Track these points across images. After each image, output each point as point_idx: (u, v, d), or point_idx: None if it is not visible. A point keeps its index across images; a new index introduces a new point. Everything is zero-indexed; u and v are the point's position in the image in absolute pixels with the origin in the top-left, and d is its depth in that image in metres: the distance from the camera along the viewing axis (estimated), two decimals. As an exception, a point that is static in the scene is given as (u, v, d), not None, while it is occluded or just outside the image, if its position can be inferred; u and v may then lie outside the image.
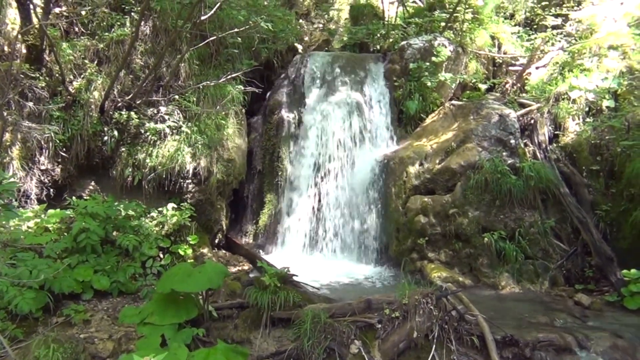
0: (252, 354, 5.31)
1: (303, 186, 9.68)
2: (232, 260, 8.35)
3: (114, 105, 7.92)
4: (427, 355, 5.05)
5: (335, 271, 8.24)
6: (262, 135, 10.18)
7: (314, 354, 4.98)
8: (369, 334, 5.18)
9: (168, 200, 7.88)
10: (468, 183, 8.03)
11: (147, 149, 7.88)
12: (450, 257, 8.05)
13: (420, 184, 8.56)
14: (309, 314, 5.21)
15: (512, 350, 5.17)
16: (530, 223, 7.73)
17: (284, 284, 5.83)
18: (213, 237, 8.54)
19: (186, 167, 7.85)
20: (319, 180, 9.62)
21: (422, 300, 5.22)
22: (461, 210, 7.98)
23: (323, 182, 9.60)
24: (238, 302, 5.95)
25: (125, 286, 6.59)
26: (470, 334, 5.25)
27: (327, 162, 9.65)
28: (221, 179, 8.24)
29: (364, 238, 9.04)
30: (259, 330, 5.50)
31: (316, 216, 9.51)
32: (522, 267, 7.48)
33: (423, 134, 9.50)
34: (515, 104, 9.24)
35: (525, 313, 6.27)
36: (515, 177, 7.85)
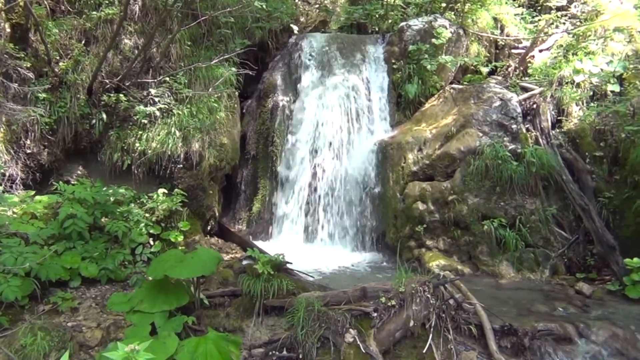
0: (245, 343, 5.34)
1: (298, 172, 9.66)
2: (225, 248, 8.36)
3: (102, 87, 7.87)
4: (424, 344, 5.07)
5: (330, 259, 8.26)
6: (256, 119, 10.14)
7: (308, 343, 5.00)
8: (365, 322, 5.19)
9: (158, 186, 7.86)
10: (468, 169, 8.03)
11: (136, 132, 7.84)
12: (449, 245, 8.07)
13: (419, 170, 8.56)
14: (302, 302, 5.22)
15: (511, 340, 5.20)
16: (531, 210, 7.75)
17: (278, 271, 5.83)
18: (205, 223, 8.53)
19: (177, 152, 7.81)
20: (315, 166, 9.60)
21: (419, 289, 5.24)
22: (460, 197, 7.99)
23: (319, 168, 9.57)
24: (230, 290, 5.96)
25: (114, 273, 6.59)
26: (468, 323, 5.28)
27: (323, 148, 9.62)
28: (213, 163, 8.22)
29: (361, 225, 9.06)
30: (252, 318, 5.52)
31: (312, 203, 9.50)
32: (523, 256, 7.50)
33: (422, 118, 9.48)
34: (518, 88, 9.21)
35: (525, 302, 6.30)
36: (517, 163, 7.85)
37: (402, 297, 5.24)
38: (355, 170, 9.32)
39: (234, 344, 5.07)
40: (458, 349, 5.09)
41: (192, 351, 4.68)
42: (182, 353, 4.64)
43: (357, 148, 9.56)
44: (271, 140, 9.89)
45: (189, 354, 4.62)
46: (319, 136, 9.67)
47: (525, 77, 9.77)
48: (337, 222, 9.28)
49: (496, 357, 4.93)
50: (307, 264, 7.39)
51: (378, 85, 10.23)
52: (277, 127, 9.90)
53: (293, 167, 9.72)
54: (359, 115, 9.80)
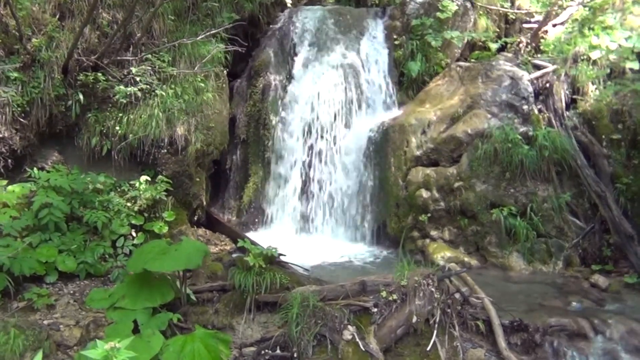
0: (235, 341, 5.36)
1: (292, 157, 9.63)
2: (213, 239, 8.36)
3: (79, 66, 7.79)
4: (428, 341, 5.10)
5: (327, 251, 8.27)
6: (246, 100, 10.08)
7: (303, 340, 5.02)
8: (364, 318, 5.22)
9: (141, 173, 7.82)
10: (475, 153, 8.02)
11: (116, 114, 7.79)
12: (455, 235, 8.09)
13: (423, 154, 8.55)
14: (297, 297, 5.23)
15: (521, 336, 5.23)
16: (544, 198, 7.75)
17: (270, 264, 5.85)
18: (192, 213, 8.51)
19: (161, 135, 7.76)
20: (310, 150, 9.58)
21: (423, 282, 5.25)
22: (467, 184, 7.98)
23: (314, 152, 9.55)
24: (219, 284, 5.98)
25: (94, 267, 6.59)
26: (475, 319, 5.30)
27: (318, 131, 9.58)
28: (200, 148, 8.18)
29: (360, 214, 9.06)
30: (243, 315, 5.54)
31: (307, 190, 9.49)
32: (534, 246, 7.51)
33: (426, 99, 9.44)
34: (529, 66, 9.17)
35: (536, 296, 6.32)
36: (528, 147, 7.84)
37: (404, 291, 5.25)
38: (354, 155, 9.30)
39: (223, 343, 5.08)
40: (464, 346, 5.12)
41: (179, 350, 4.69)
42: (168, 353, 4.65)
43: (355, 131, 9.53)
44: (263, 123, 9.83)
45: (175, 354, 4.63)
46: (314, 118, 9.61)
47: (538, 54, 9.72)
48: (334, 211, 9.28)
49: (505, 354, 4.95)
50: (302, 257, 7.38)
51: (378, 63, 10.16)
52: (269, 108, 9.84)
53: (287, 152, 9.68)
54: (358, 96, 9.75)
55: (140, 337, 4.72)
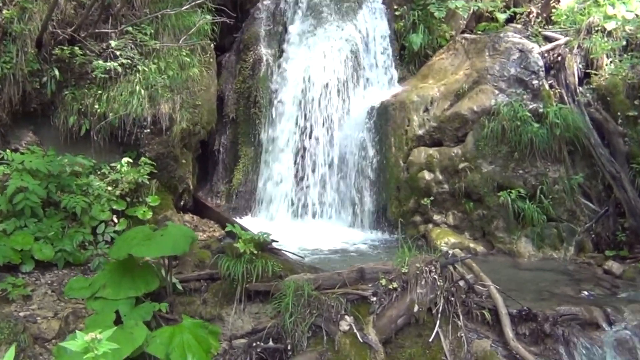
0: (224, 333, 5.35)
1: (285, 137, 9.63)
2: (201, 225, 8.36)
3: (54, 39, 7.72)
4: (430, 332, 5.09)
5: (323, 237, 8.29)
6: (236, 75, 10.05)
7: (297, 332, 5.01)
8: (362, 308, 5.20)
9: (122, 154, 7.79)
10: (481, 132, 8.03)
11: (95, 92, 7.73)
12: (460, 219, 8.11)
13: (425, 133, 8.56)
14: (291, 286, 5.21)
15: (530, 326, 5.24)
16: (555, 179, 7.77)
17: (262, 251, 5.82)
18: (178, 198, 8.51)
19: (143, 114, 7.72)
20: (305, 130, 9.58)
21: (425, 269, 5.25)
22: (473, 165, 8.00)
23: (309, 132, 9.55)
24: (207, 272, 5.96)
25: (73, 256, 6.57)
26: (480, 308, 5.30)
27: (314, 109, 9.57)
28: (186, 128, 8.15)
29: (358, 198, 9.07)
30: (232, 305, 5.52)
31: (301, 173, 9.51)
32: (544, 231, 7.55)
33: (429, 74, 9.43)
34: (540, 38, 9.14)
35: (546, 283, 6.35)
36: (538, 125, 7.84)
37: (405, 279, 5.24)
38: (352, 135, 9.30)
39: (212, 335, 5.09)
40: (469, 337, 5.13)
41: (167, 342, 4.69)
42: (155, 345, 4.65)
43: (353, 109, 9.53)
44: (253, 101, 9.81)
45: (163, 346, 4.64)
46: (309, 95, 9.59)
47: (549, 25, 9.68)
48: (331, 194, 9.31)
49: (512, 345, 4.97)
50: (297, 243, 7.40)
51: (378, 35, 10.13)
52: (260, 85, 9.80)
53: (279, 131, 9.67)
54: (356, 71, 9.74)
55: (123, 329, 4.70)
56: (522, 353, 4.91)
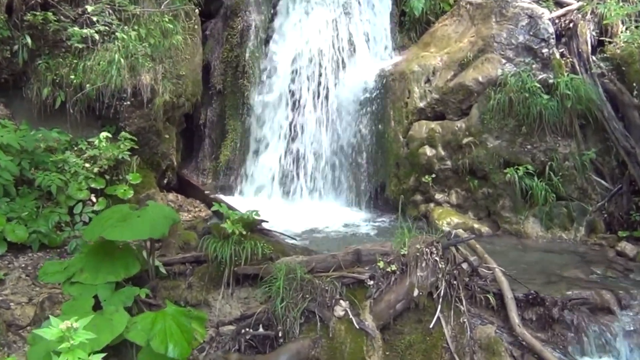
0: (211, 319, 5.38)
1: (276, 110, 9.61)
2: (186, 205, 8.36)
3: (25, 4, 7.63)
4: (431, 317, 5.13)
5: (316, 217, 8.32)
6: (222, 44, 9.97)
7: (289, 317, 5.03)
8: (359, 292, 5.23)
9: (101, 129, 7.76)
10: (487, 104, 8.01)
11: (70, 61, 7.67)
12: (464, 198, 8.13)
13: (427, 106, 8.54)
14: (282, 269, 5.23)
15: (537, 311, 5.27)
16: (565, 155, 7.77)
17: (251, 232, 5.84)
18: (161, 175, 8.49)
19: (123, 85, 7.65)
20: (297, 102, 9.55)
21: (425, 250, 5.26)
22: (478, 139, 8.00)
23: (302, 105, 9.52)
24: (192, 255, 5.98)
25: (48, 238, 6.56)
26: (484, 292, 5.33)
27: (307, 79, 9.54)
28: (169, 100, 8.12)
29: (355, 176, 9.09)
30: (220, 290, 5.55)
31: (293, 149, 9.50)
32: (553, 210, 7.58)
33: (431, 41, 9.38)
34: (551, 2, 9.09)
35: (555, 266, 6.39)
36: (548, 97, 7.82)
37: (405, 261, 5.27)
38: (348, 108, 9.28)
39: (197, 321, 5.10)
40: (472, 323, 5.16)
41: (148, 329, 4.68)
42: (135, 331, 4.65)
43: (349, 79, 9.49)
44: (242, 71, 9.75)
45: (144, 332, 4.63)
46: (302, 65, 9.55)
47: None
48: (325, 172, 9.31)
49: (518, 331, 5.00)
50: (288, 224, 7.40)
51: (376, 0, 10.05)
52: (248, 54, 9.74)
53: (269, 104, 9.64)
54: (352, 38, 9.67)
55: (102, 315, 4.71)
56: (529, 339, 4.94)
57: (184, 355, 4.56)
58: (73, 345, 3.38)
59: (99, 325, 4.40)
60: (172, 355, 4.50)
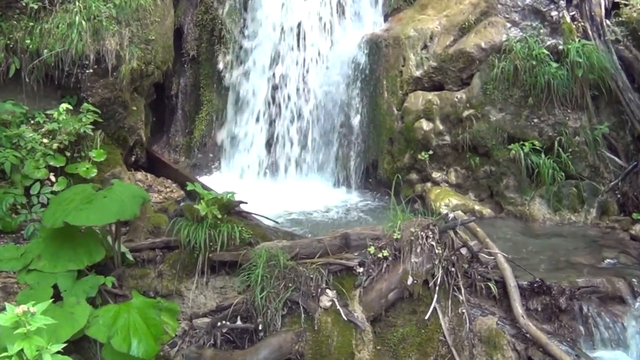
0: (184, 311, 5.39)
1: (257, 80, 9.57)
2: (156, 185, 8.33)
3: (-27, -41, 7.57)
4: (427, 308, 5.15)
5: (301, 198, 8.33)
6: (196, 5, 9.89)
7: (270, 309, 5.04)
8: (347, 280, 5.25)
9: (60, 99, 7.71)
10: (490, 73, 8.00)
11: (26, 23, 7.61)
12: (464, 177, 8.14)
13: (424, 75, 8.53)
14: (262, 255, 5.23)
15: (543, 300, 5.31)
16: (575, 129, 7.78)
17: (228, 214, 5.84)
18: (128, 152, 8.46)
19: (85, 51, 7.59)
20: (280, 71, 9.50)
21: (421, 234, 5.28)
22: (480, 112, 8.00)
23: (285, 74, 9.49)
24: (163, 240, 5.95)
25: (2, 221, 6.52)
26: (485, 280, 5.35)
27: (291, 45, 9.50)
28: (137, 67, 8.05)
29: (344, 153, 9.08)
30: (193, 278, 5.54)
31: (276, 123, 9.49)
32: (562, 190, 7.61)
33: (428, 3, 9.31)
34: (561, -40, 9.07)
35: (563, 251, 6.42)
36: (557, 65, 7.81)
37: (398, 246, 5.28)
38: (336, 77, 9.25)
39: (168, 313, 5.10)
40: (472, 314, 5.18)
41: (110, 323, 4.66)
42: (96, 326, 4.64)
43: (338, 46, 9.47)
44: (218, 36, 9.69)
45: (105, 327, 4.62)
46: (285, 29, 9.50)
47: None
48: (311, 149, 9.30)
49: (522, 322, 5.02)
50: (270, 205, 7.41)
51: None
52: (226, 16, 9.69)
53: (249, 73, 9.60)
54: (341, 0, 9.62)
55: (62, 307, 4.68)
56: (533, 331, 4.97)
57: (149, 354, 4.56)
58: (30, 331, 3.35)
59: (59, 319, 4.35)
60: (135, 353, 4.49)
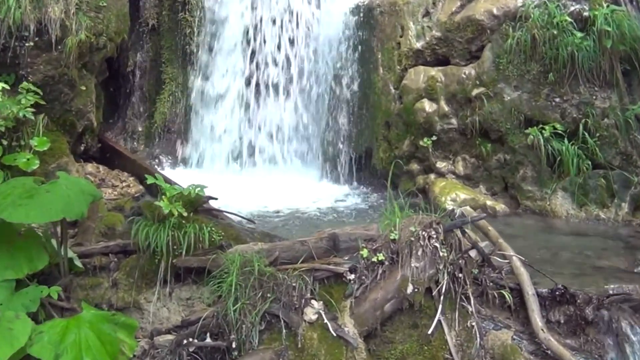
0: (144, 327, 5.38)
1: (230, 55, 9.61)
2: (110, 179, 8.30)
3: None
4: (430, 321, 5.14)
5: (282, 193, 8.35)
6: (157, -35, 9.90)
7: (246, 323, 5.03)
8: (335, 289, 5.25)
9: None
10: (504, 45, 8.02)
11: (-49, -12, 7.59)
12: (473, 167, 8.17)
13: (426, 47, 8.55)
14: (236, 261, 5.22)
15: (566, 310, 5.29)
16: (604, 110, 7.79)
17: (195, 213, 5.84)
18: (77, 140, 8.43)
19: (24, 21, 7.59)
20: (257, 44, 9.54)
21: (422, 235, 5.27)
22: (492, 91, 8.02)
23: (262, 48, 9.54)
24: (118, 244, 5.94)
25: None
26: (499, 287, 5.34)
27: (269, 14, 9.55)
28: (86, 40, 8.03)
29: (332, 140, 9.10)
30: (154, 289, 5.54)
31: (252, 105, 9.53)
32: (589, 182, 7.62)
33: (431, -38, 9.36)
34: None
35: (590, 253, 6.41)
36: (582, 35, 7.83)
37: (396, 249, 5.27)
38: (322, 51, 9.31)
39: (125, 330, 5.08)
40: (483, 327, 5.18)
41: (57, 341, 4.65)
42: (40, 344, 4.61)
43: (325, 15, 9.54)
44: (182, 2, 9.68)
45: (51, 345, 4.60)
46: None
47: None
48: (294, 135, 9.33)
49: (542, 337, 5.02)
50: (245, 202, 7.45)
51: None
52: (191, -21, 9.68)
53: (221, 45, 9.64)
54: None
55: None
56: (555, 347, 4.96)
57: (106, 375, 4.55)
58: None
59: (-5, 337, 4.36)
60: (89, 374, 4.48)
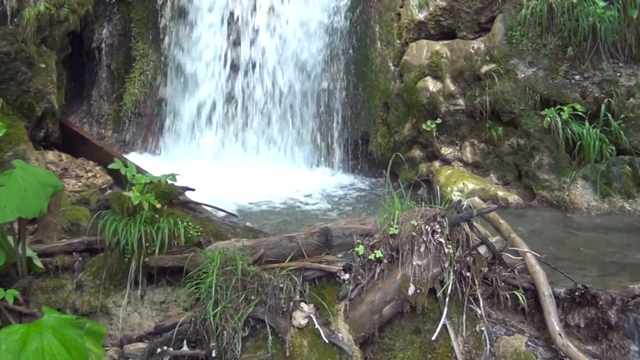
0: (112, 334, 5.38)
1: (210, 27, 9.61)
2: (74, 168, 8.30)
3: None
4: (434, 325, 5.16)
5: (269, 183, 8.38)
6: None
7: (227, 329, 5.04)
8: (328, 291, 5.27)
9: (-58, 56, 7.69)
10: (517, 16, 8.03)
11: None
12: (483, 153, 8.17)
13: (429, 18, 8.57)
14: (216, 259, 5.22)
15: (586, 313, 5.30)
16: (629, 89, 7.81)
17: (169, 205, 5.85)
18: (36, 125, 8.43)
19: (-26, -10, 7.61)
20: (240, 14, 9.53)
21: (425, 229, 5.28)
22: (504, 67, 8.03)
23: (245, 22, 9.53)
24: (83, 241, 5.92)
25: None
26: (511, 287, 5.35)
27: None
28: (46, 12, 8.02)
29: (324, 124, 9.11)
30: (124, 291, 5.54)
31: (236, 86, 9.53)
32: (612, 170, 7.65)
33: None
34: None
35: (613, 249, 6.45)
36: (604, 4, 7.84)
37: (395, 245, 5.28)
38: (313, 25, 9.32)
39: (92, 337, 5.07)
40: (494, 332, 5.20)
41: (16, 349, 4.64)
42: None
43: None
44: (154, -32, 9.70)
45: (10, 354, 4.58)
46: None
47: None
48: (282, 119, 9.32)
49: (560, 342, 5.02)
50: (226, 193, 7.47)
51: None
52: (164, -58, 9.68)
53: (198, 18, 9.62)
54: None
55: (-53, 331, 4.70)
56: (574, 354, 4.96)
57: (74, 387, 4.56)
58: None
59: (-55, 345, 4.37)
60: (54, 386, 4.49)
